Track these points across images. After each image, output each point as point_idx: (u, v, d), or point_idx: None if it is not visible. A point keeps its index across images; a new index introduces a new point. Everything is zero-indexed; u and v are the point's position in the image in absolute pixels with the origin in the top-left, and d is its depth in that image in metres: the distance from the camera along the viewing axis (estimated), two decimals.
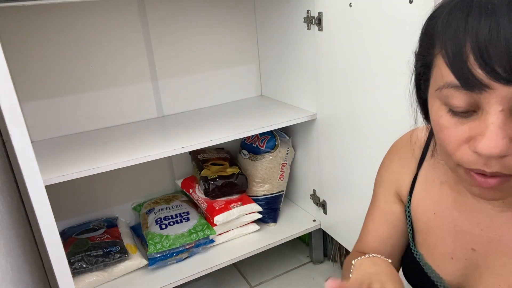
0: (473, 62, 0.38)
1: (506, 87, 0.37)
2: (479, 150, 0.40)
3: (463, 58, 0.38)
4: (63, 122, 1.25)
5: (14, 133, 0.74)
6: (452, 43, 0.39)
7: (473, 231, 0.55)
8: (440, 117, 0.43)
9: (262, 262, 1.45)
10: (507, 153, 0.39)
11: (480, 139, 0.40)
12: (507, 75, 0.36)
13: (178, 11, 1.33)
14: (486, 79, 0.37)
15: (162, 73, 1.36)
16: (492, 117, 0.39)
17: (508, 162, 0.40)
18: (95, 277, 1.14)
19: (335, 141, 1.19)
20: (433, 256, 0.59)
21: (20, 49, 1.15)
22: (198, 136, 1.14)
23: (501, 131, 0.39)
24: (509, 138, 0.39)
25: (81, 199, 1.33)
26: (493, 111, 0.39)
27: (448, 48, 0.40)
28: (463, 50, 0.38)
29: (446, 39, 0.40)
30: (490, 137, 0.39)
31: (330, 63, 1.13)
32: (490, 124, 0.39)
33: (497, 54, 0.36)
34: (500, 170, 0.41)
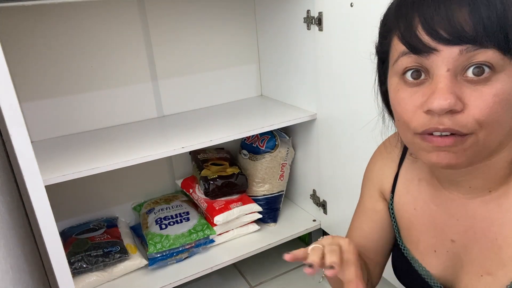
0: (421, 31, 0.45)
1: (450, 48, 0.44)
2: (430, 106, 0.45)
3: (412, 29, 0.45)
4: (63, 122, 1.25)
5: (14, 133, 0.74)
6: (403, 20, 0.47)
7: (450, 223, 0.58)
8: (398, 91, 0.49)
9: (262, 262, 1.45)
10: (455, 107, 0.44)
11: (431, 96, 0.45)
12: (450, 37, 0.43)
13: (178, 11, 1.33)
14: (433, 43, 0.44)
15: (162, 73, 1.36)
16: (440, 77, 0.45)
17: (458, 119, 0.45)
18: (95, 277, 1.14)
19: (335, 141, 1.19)
20: (418, 250, 0.62)
21: (20, 49, 1.14)
22: (198, 136, 1.14)
23: (449, 88, 0.44)
24: (457, 96, 0.44)
25: (81, 199, 1.33)
26: (440, 72, 0.45)
27: (400, 25, 0.47)
28: (413, 23, 0.45)
29: (398, 19, 0.47)
30: (439, 93, 0.44)
31: (330, 63, 1.13)
32: (439, 82, 0.45)
33: (440, 21, 0.43)
34: (452, 126, 0.45)
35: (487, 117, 0.44)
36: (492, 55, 0.43)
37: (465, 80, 0.44)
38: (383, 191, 0.68)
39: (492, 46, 0.42)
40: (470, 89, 0.44)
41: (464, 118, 0.45)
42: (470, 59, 0.44)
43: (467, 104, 0.44)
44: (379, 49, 0.55)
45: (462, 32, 0.42)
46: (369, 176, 0.72)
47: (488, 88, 0.44)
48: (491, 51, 0.43)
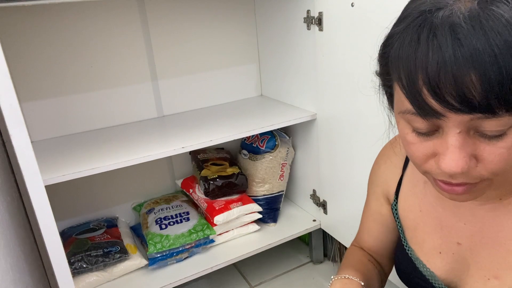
0: (426, 94, 0.40)
1: (460, 115, 0.40)
2: (442, 169, 0.43)
3: (417, 90, 0.40)
4: (63, 122, 1.25)
5: (14, 133, 0.74)
6: (405, 76, 0.41)
7: (457, 226, 0.57)
8: (406, 134, 0.46)
9: (262, 262, 1.45)
10: (470, 168, 0.42)
11: (442, 158, 0.43)
12: (459, 105, 0.39)
13: (178, 11, 1.33)
14: (440, 109, 0.40)
15: (162, 73, 1.36)
16: (451, 139, 0.42)
17: (471, 173, 0.43)
18: (95, 277, 1.14)
19: (335, 141, 1.19)
20: (423, 251, 0.62)
21: (20, 49, 1.14)
22: (198, 136, 1.14)
23: (460, 151, 0.41)
24: (470, 154, 0.42)
25: (81, 199, 1.33)
26: (451, 133, 0.42)
27: (403, 80, 0.42)
28: (417, 83, 0.40)
29: (400, 71, 0.42)
30: (451, 157, 0.42)
31: (330, 63, 1.13)
32: (450, 145, 0.42)
33: (446, 86, 0.38)
34: (464, 181, 0.44)
35: (501, 168, 0.43)
36: (506, 121, 0.39)
37: (479, 135, 0.42)
38: (388, 193, 0.69)
39: (506, 114, 0.38)
40: (484, 143, 0.42)
41: (477, 171, 0.43)
42: (483, 124, 0.40)
43: (480, 158, 0.42)
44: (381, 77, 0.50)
45: (472, 101, 0.38)
46: (373, 179, 0.72)
47: (503, 142, 0.41)
48: (504, 118, 0.39)
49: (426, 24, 0.40)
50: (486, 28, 0.37)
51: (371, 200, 0.73)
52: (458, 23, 0.38)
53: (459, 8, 0.39)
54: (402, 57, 0.42)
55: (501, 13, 0.37)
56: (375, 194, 0.71)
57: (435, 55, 0.38)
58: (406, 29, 0.42)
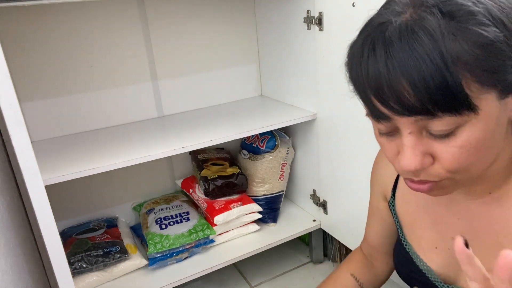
0: (375, 101, 0.45)
1: (404, 117, 0.44)
2: (400, 166, 0.47)
3: (368, 98, 0.46)
4: (63, 122, 1.25)
5: (14, 133, 0.74)
6: (357, 86, 0.47)
7: (451, 221, 0.59)
8: (376, 135, 0.51)
9: (262, 262, 1.45)
10: (423, 166, 0.46)
11: (399, 157, 0.47)
12: (400, 109, 0.43)
13: (178, 11, 1.33)
14: (389, 113, 0.45)
15: (162, 73, 1.36)
16: (404, 139, 0.46)
17: (430, 171, 0.47)
18: (95, 277, 1.14)
19: (335, 141, 1.19)
20: (420, 246, 0.63)
21: (20, 49, 1.14)
22: (198, 136, 1.14)
23: (413, 150, 0.45)
24: (423, 153, 0.45)
25: (81, 199, 1.33)
26: (404, 134, 0.46)
27: (356, 90, 0.48)
28: (366, 92, 0.46)
29: (353, 81, 0.48)
30: (405, 156, 0.46)
31: (330, 63, 1.13)
32: (404, 145, 0.46)
33: (386, 93, 0.43)
34: (425, 178, 0.47)
35: (457, 166, 0.45)
36: (448, 121, 0.42)
37: (430, 135, 0.45)
38: (385, 191, 0.72)
39: (445, 114, 0.42)
40: (437, 142, 0.45)
41: (435, 170, 0.46)
42: (428, 126, 0.44)
43: (436, 156, 0.46)
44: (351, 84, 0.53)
45: (409, 105, 0.42)
46: (372, 178, 0.75)
47: (453, 141, 0.44)
48: (445, 118, 0.42)
49: (369, 38, 0.45)
50: (412, 41, 0.41)
51: (372, 197, 0.76)
52: (390, 37, 0.42)
53: (397, 22, 0.43)
54: (353, 70, 0.47)
55: (427, 25, 0.41)
56: (374, 191, 0.75)
57: (373, 67, 0.44)
58: (356, 42, 0.48)
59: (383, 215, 0.74)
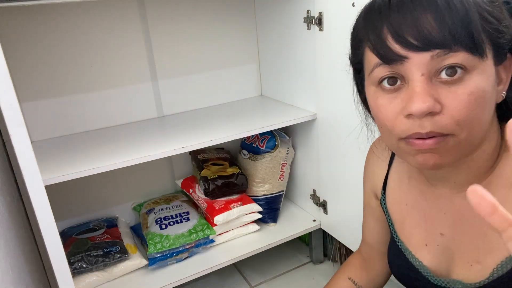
0: (391, 40, 0.46)
1: (421, 54, 0.45)
2: (410, 111, 0.46)
3: (382, 40, 0.47)
4: (63, 122, 1.25)
5: (14, 133, 0.74)
6: (372, 32, 0.48)
7: (438, 217, 0.60)
8: (377, 99, 0.51)
9: (262, 262, 1.45)
10: (434, 109, 0.46)
11: (410, 102, 0.46)
12: (419, 44, 0.45)
13: (178, 11, 1.33)
14: (403, 51, 0.46)
15: (162, 73, 1.36)
16: (416, 82, 0.46)
17: (438, 121, 0.46)
18: (95, 277, 1.14)
19: (335, 141, 1.19)
20: (411, 243, 0.64)
21: (20, 49, 1.14)
22: (198, 136, 1.14)
23: (426, 91, 0.46)
24: (434, 98, 0.46)
25: (81, 199, 1.33)
26: (415, 77, 0.46)
27: (370, 37, 0.49)
28: (382, 33, 0.47)
29: (368, 30, 0.49)
30: (417, 97, 0.46)
31: (331, 63, 1.13)
32: (415, 87, 0.46)
33: (408, 29, 0.45)
34: (433, 129, 0.47)
35: (465, 116, 0.46)
36: (463, 57, 0.45)
37: (440, 82, 0.46)
38: (375, 190, 0.73)
39: (461, 49, 0.44)
40: (446, 90, 0.46)
41: (443, 119, 0.46)
42: (442, 62, 0.45)
43: (444, 105, 0.46)
44: (353, 60, 0.57)
45: (430, 38, 0.44)
46: (364, 175, 0.77)
47: (462, 88, 0.45)
48: (461, 53, 0.45)
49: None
50: None
51: (365, 195, 0.78)
52: None
53: None
54: (369, 18, 0.49)
55: None
56: (366, 189, 0.76)
57: (395, 4, 0.46)
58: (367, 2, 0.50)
59: (376, 213, 0.75)
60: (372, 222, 0.78)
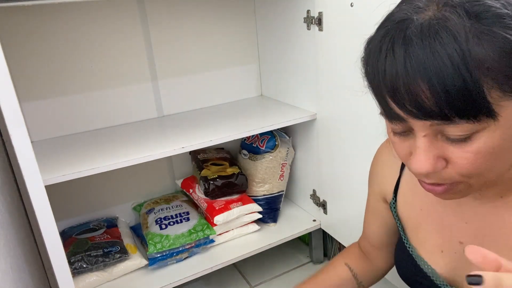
0: (391, 103, 0.44)
1: (420, 121, 0.42)
2: (412, 169, 0.46)
3: (383, 98, 0.44)
4: (63, 122, 1.25)
5: (14, 133, 0.74)
6: (373, 85, 0.45)
7: (458, 225, 0.58)
8: (390, 134, 0.49)
9: (262, 262, 1.45)
10: (436, 170, 0.45)
11: (412, 159, 0.46)
12: (416, 112, 0.42)
13: (178, 11, 1.33)
14: (403, 115, 0.43)
15: (162, 73, 1.36)
16: (418, 141, 0.45)
17: (443, 174, 0.45)
18: (95, 277, 1.14)
19: (335, 141, 1.19)
20: (425, 249, 0.62)
21: (20, 49, 1.14)
22: (198, 136, 1.14)
23: (426, 153, 0.44)
24: (436, 156, 0.44)
25: (81, 199, 1.33)
26: (418, 136, 0.44)
27: (371, 88, 0.46)
28: (381, 92, 0.44)
29: (369, 80, 0.46)
30: (418, 158, 0.45)
31: (330, 63, 1.13)
32: (417, 147, 0.45)
33: (402, 95, 0.41)
34: (437, 181, 0.46)
35: (471, 171, 0.44)
36: (465, 127, 0.41)
37: (446, 139, 0.43)
38: (384, 193, 0.70)
39: (462, 119, 0.40)
40: (452, 146, 0.43)
41: (448, 173, 0.45)
42: (444, 131, 0.43)
43: (450, 160, 0.44)
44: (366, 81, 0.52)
45: (426, 109, 0.41)
46: (370, 178, 0.74)
47: (469, 146, 0.42)
48: (462, 124, 0.41)
49: (388, 35, 0.43)
50: (433, 41, 0.39)
51: (370, 197, 0.76)
52: (410, 36, 0.40)
53: (419, 20, 0.41)
54: (369, 67, 0.45)
55: (451, 26, 0.39)
56: (373, 191, 0.74)
57: (390, 67, 0.42)
58: (375, 38, 0.45)
59: (382, 215, 0.73)
60: (376, 224, 0.76)
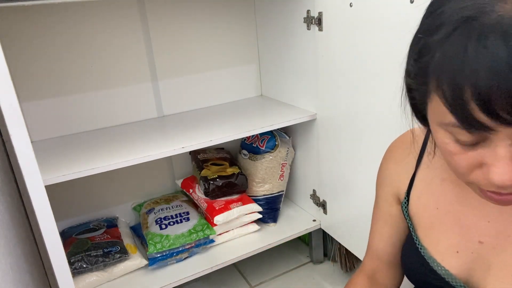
0: (475, 108, 0.36)
1: None
2: (492, 180, 0.40)
3: (463, 103, 0.37)
4: (63, 122, 1.25)
5: (14, 133, 0.74)
6: (450, 89, 0.38)
7: (479, 224, 0.55)
8: (447, 144, 0.43)
9: (262, 262, 1.45)
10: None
11: (492, 169, 0.40)
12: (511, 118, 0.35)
13: (178, 11, 1.33)
14: (491, 123, 0.37)
15: (162, 73, 1.36)
16: (502, 150, 0.39)
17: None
18: (95, 277, 1.14)
19: (335, 141, 1.19)
20: (438, 250, 0.59)
21: (20, 49, 1.14)
22: (198, 136, 1.14)
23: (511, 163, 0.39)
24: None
25: (81, 199, 1.33)
26: (502, 144, 0.39)
27: (445, 90, 0.38)
28: (463, 95, 0.36)
29: (443, 83, 0.38)
30: (503, 169, 0.39)
31: (330, 63, 1.13)
32: (501, 157, 0.39)
33: (500, 100, 0.35)
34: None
35: None
36: None
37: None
38: (398, 192, 0.66)
39: None
40: None
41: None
42: None
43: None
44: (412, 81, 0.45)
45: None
46: (382, 179, 0.69)
47: None
48: None
49: (473, 31, 0.36)
50: None
51: (380, 202, 0.70)
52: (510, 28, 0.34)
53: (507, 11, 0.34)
54: (446, 69, 0.38)
55: None
56: (384, 194, 0.69)
57: (487, 66, 0.35)
58: (448, 38, 0.38)
59: (396, 221, 0.68)
60: (389, 232, 0.70)
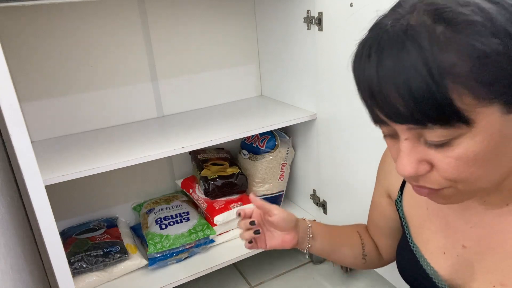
0: (372, 106, 0.44)
1: (398, 124, 0.43)
2: (397, 171, 0.46)
3: (365, 101, 0.46)
4: (63, 122, 1.25)
5: (14, 133, 0.74)
6: (358, 87, 0.46)
7: (463, 228, 0.57)
8: (384, 136, 0.50)
9: (262, 262, 1.45)
10: (418, 173, 0.45)
11: (397, 161, 0.46)
12: (393, 116, 0.42)
13: (178, 11, 1.33)
14: (384, 118, 0.44)
15: (162, 73, 1.36)
16: (401, 145, 0.45)
17: (429, 178, 0.46)
18: (95, 277, 1.14)
19: (335, 141, 1.19)
20: (427, 249, 0.62)
21: (20, 49, 1.15)
22: (198, 136, 1.14)
23: (408, 157, 0.44)
24: (419, 160, 0.44)
25: (81, 199, 1.33)
26: (401, 139, 0.45)
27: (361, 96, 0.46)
28: (364, 95, 0.45)
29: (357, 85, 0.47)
30: (400, 162, 0.45)
31: (330, 63, 1.13)
32: (400, 151, 0.45)
33: (379, 99, 0.42)
34: (424, 184, 0.46)
35: (455, 176, 0.44)
36: (441, 133, 0.41)
37: (427, 143, 0.43)
38: (390, 189, 0.72)
39: (435, 125, 0.40)
40: (433, 150, 0.43)
41: (433, 177, 0.45)
42: (422, 135, 0.43)
43: (434, 164, 0.44)
44: None
45: (400, 113, 0.41)
46: (379, 173, 0.76)
47: (450, 152, 0.42)
48: (437, 130, 0.41)
49: (369, 41, 0.43)
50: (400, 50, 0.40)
51: (375, 191, 0.77)
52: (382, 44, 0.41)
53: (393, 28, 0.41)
54: (353, 70, 0.47)
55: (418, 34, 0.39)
56: (378, 187, 0.76)
57: (367, 72, 0.43)
58: (360, 43, 0.45)
59: (384, 211, 0.75)
60: (375, 215, 0.79)
